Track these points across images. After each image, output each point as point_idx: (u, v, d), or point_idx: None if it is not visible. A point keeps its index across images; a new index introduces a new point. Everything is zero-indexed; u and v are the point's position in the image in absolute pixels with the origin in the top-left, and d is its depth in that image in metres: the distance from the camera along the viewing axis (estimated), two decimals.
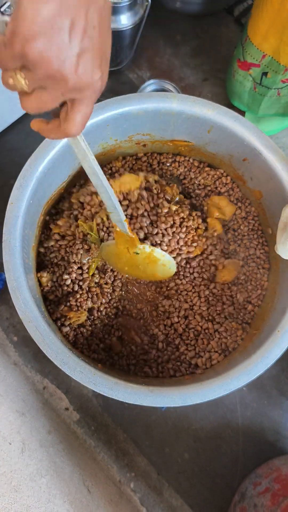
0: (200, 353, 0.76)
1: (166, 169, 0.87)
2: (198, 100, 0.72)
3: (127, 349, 0.78)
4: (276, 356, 0.64)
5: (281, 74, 0.83)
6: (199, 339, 0.77)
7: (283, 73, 0.82)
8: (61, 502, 0.69)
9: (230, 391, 0.63)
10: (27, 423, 0.78)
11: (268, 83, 0.87)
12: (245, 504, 0.82)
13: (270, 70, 0.84)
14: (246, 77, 0.91)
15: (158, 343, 0.78)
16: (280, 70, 0.82)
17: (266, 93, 0.90)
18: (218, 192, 0.85)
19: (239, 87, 0.95)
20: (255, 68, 0.86)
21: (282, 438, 0.94)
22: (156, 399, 0.62)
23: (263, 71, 0.85)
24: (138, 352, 0.78)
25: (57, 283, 0.76)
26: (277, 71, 0.83)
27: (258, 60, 0.84)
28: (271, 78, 0.85)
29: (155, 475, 0.92)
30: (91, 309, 0.77)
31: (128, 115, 0.72)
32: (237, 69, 0.91)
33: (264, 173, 0.73)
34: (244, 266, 0.81)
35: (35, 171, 0.67)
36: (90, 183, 0.77)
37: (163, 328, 0.79)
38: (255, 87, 0.91)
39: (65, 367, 0.62)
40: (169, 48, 1.13)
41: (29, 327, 0.62)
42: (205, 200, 0.85)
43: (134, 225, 0.75)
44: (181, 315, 0.79)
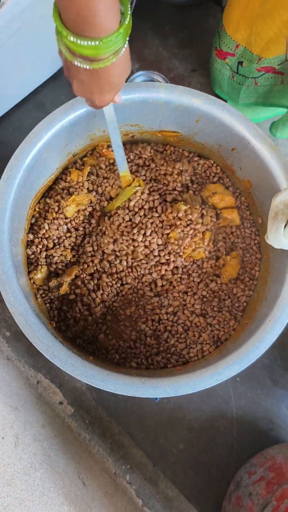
0: (191, 345, 0.76)
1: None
2: (186, 90, 0.72)
3: (116, 344, 0.78)
4: (267, 345, 0.64)
5: (255, 63, 0.82)
6: (190, 332, 0.77)
7: (257, 62, 0.82)
8: (55, 495, 0.69)
9: (222, 380, 0.63)
10: (21, 418, 0.78)
11: (244, 72, 0.87)
12: (240, 493, 0.82)
13: (245, 60, 0.84)
14: (223, 65, 0.91)
15: (146, 338, 0.78)
16: (254, 60, 0.81)
17: (243, 81, 0.90)
18: (211, 182, 0.85)
19: (219, 75, 0.95)
20: (230, 57, 0.86)
21: (276, 427, 0.94)
22: (148, 390, 0.62)
23: (238, 60, 0.85)
24: (125, 346, 0.78)
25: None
26: (251, 61, 0.82)
27: (233, 49, 0.84)
28: (247, 67, 0.85)
29: (151, 466, 0.92)
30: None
31: (115, 105, 0.71)
32: (215, 57, 0.91)
33: (253, 162, 0.73)
34: (243, 258, 0.81)
35: (22, 163, 0.66)
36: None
37: (150, 324, 0.79)
38: (233, 76, 0.91)
39: (56, 360, 0.62)
40: (158, 40, 1.12)
41: (19, 320, 0.62)
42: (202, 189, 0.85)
43: (144, 244, 0.77)
44: (170, 312, 0.79)
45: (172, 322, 0.78)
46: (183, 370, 0.70)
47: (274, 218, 0.65)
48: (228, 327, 0.76)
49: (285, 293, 0.66)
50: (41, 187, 0.76)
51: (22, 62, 0.91)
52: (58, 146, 0.72)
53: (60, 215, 0.77)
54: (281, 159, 0.70)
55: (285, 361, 0.98)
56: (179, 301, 0.79)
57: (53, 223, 0.76)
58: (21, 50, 0.86)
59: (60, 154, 0.75)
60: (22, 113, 1.04)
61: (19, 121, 1.03)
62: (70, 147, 0.76)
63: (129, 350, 0.77)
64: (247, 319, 0.74)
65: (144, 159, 0.83)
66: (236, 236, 0.82)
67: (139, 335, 0.78)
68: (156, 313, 0.78)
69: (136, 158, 0.84)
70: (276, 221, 0.65)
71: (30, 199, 0.73)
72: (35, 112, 1.04)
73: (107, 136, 0.80)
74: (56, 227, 0.76)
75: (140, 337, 0.78)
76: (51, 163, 0.75)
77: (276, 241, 0.66)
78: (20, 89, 1.00)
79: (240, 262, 0.80)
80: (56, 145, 0.71)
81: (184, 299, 0.79)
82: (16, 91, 1.00)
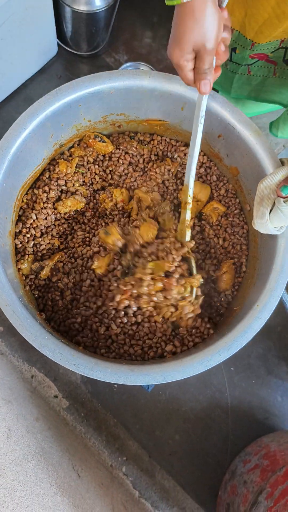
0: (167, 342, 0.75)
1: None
2: (170, 77, 0.71)
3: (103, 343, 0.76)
4: (256, 331, 0.64)
5: (248, 49, 0.82)
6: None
7: (250, 48, 0.81)
8: (48, 486, 0.69)
9: (211, 366, 0.62)
10: (14, 411, 0.78)
11: (238, 59, 0.86)
12: (235, 481, 0.82)
13: (238, 46, 0.83)
14: None
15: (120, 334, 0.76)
16: (247, 45, 0.81)
17: (237, 69, 0.89)
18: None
19: None
20: None
21: (270, 416, 0.94)
22: (138, 377, 0.62)
23: (232, 46, 0.84)
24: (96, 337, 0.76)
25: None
26: (245, 46, 0.82)
27: None
28: (240, 53, 0.84)
29: (147, 458, 0.92)
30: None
31: (99, 94, 0.71)
32: None
33: (239, 148, 0.73)
34: (234, 255, 0.81)
35: (6, 153, 0.66)
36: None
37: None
38: (226, 64, 0.90)
39: (44, 349, 0.61)
40: (146, 31, 1.12)
41: (6, 311, 0.62)
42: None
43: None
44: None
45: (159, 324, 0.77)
46: (173, 357, 0.69)
47: (260, 203, 0.65)
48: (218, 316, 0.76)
49: (273, 278, 0.66)
50: (27, 178, 0.75)
51: (10, 56, 0.91)
52: (43, 136, 0.72)
53: (48, 205, 0.76)
54: (266, 143, 0.70)
55: (279, 350, 0.97)
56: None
57: (41, 212, 0.76)
58: (7, 44, 0.86)
59: (46, 145, 0.75)
60: (11, 107, 1.04)
61: (9, 115, 1.03)
62: (56, 138, 0.76)
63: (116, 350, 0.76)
64: (236, 305, 0.73)
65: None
66: (224, 230, 0.82)
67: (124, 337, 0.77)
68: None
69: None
70: (262, 206, 0.65)
71: (16, 191, 0.73)
72: (24, 106, 1.02)
73: (94, 126, 0.80)
74: (45, 217, 0.76)
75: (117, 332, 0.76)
76: (37, 154, 0.74)
77: (262, 226, 0.66)
78: (8, 83, 1.00)
79: (232, 268, 0.79)
80: (41, 135, 0.71)
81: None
82: (4, 85, 1.00)
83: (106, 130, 0.82)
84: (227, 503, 0.81)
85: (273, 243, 0.68)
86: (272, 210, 0.63)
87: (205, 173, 0.84)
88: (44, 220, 0.76)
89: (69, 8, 0.92)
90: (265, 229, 0.65)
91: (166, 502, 0.90)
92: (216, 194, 0.84)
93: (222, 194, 0.83)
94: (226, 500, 0.82)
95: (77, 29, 0.99)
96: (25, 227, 0.75)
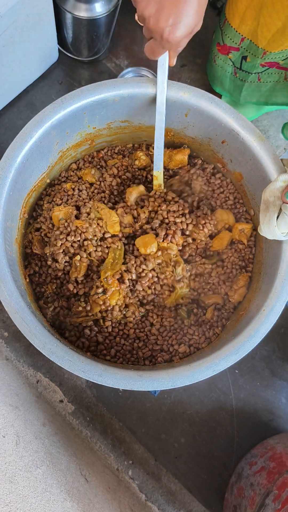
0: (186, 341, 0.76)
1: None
2: (174, 84, 0.72)
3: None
4: (263, 335, 0.64)
5: (260, 57, 0.82)
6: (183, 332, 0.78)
7: (261, 56, 0.81)
8: (57, 491, 0.69)
9: (219, 371, 0.63)
10: (21, 416, 0.79)
11: (248, 68, 0.87)
12: (242, 484, 0.83)
13: (249, 54, 0.83)
14: (226, 61, 0.90)
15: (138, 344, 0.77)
16: (259, 54, 0.81)
17: (246, 78, 0.89)
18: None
19: (220, 72, 0.94)
20: (234, 52, 0.86)
21: (275, 417, 0.95)
22: (146, 383, 0.62)
23: (242, 54, 0.85)
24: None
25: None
26: (256, 55, 0.82)
27: (237, 43, 0.83)
28: (251, 62, 0.85)
29: (153, 461, 0.93)
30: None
31: (104, 102, 0.71)
32: (217, 53, 0.91)
33: (243, 154, 0.73)
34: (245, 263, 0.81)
35: (13, 162, 0.66)
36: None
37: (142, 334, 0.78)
38: (236, 72, 0.91)
39: (53, 356, 0.62)
40: None
41: (15, 318, 0.62)
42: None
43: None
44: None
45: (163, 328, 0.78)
46: (181, 362, 0.70)
47: (266, 210, 0.66)
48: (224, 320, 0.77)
49: (278, 282, 0.66)
50: (33, 186, 0.76)
51: (11, 62, 0.91)
52: (48, 144, 0.72)
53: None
54: (270, 149, 0.70)
55: (283, 352, 0.98)
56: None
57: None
58: (9, 50, 0.87)
59: (51, 152, 0.76)
60: (13, 113, 1.04)
61: (11, 122, 1.03)
62: (61, 145, 0.76)
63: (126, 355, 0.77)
64: (242, 310, 0.74)
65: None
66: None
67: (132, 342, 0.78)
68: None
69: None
70: (268, 213, 0.65)
71: (22, 199, 0.74)
72: (26, 112, 1.04)
73: (98, 133, 0.80)
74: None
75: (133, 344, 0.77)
76: (42, 162, 0.75)
77: (270, 232, 0.66)
78: (10, 89, 1.00)
79: (246, 280, 0.78)
80: (47, 143, 0.71)
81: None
82: (6, 91, 1.00)
83: (111, 136, 0.83)
84: (234, 506, 0.82)
85: (278, 247, 0.69)
86: (279, 216, 0.64)
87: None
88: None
89: (70, 14, 0.93)
90: (273, 235, 0.66)
91: (173, 505, 0.91)
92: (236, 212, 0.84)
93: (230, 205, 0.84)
94: (233, 503, 0.82)
95: (78, 35, 0.99)
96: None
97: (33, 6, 0.82)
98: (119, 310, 0.75)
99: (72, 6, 0.92)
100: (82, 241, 0.74)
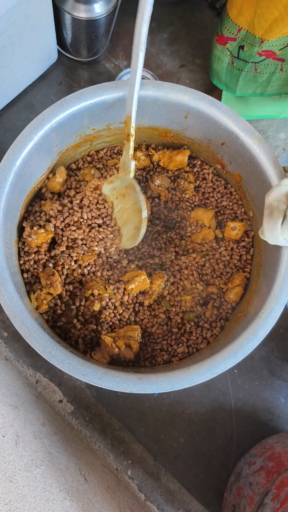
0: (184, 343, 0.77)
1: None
2: (173, 86, 0.72)
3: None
4: (261, 338, 0.65)
5: (257, 46, 0.83)
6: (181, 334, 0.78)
7: (258, 45, 0.82)
8: (57, 491, 0.70)
9: (218, 374, 0.63)
10: (21, 416, 0.79)
11: (245, 57, 0.87)
12: (241, 483, 0.84)
13: (246, 43, 0.84)
14: (223, 51, 0.90)
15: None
16: (256, 43, 0.82)
17: (243, 67, 0.90)
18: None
19: (218, 63, 0.95)
20: (231, 42, 0.86)
21: (274, 417, 0.95)
22: (145, 385, 0.63)
23: (239, 44, 0.85)
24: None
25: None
26: (253, 44, 0.83)
27: (234, 33, 0.84)
28: (248, 51, 0.85)
29: (152, 461, 0.93)
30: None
31: (104, 104, 0.72)
32: (215, 43, 0.91)
33: (242, 156, 0.74)
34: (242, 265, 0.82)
35: (12, 165, 0.67)
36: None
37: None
38: (233, 62, 0.91)
39: (54, 360, 0.62)
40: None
41: (15, 322, 0.63)
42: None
43: None
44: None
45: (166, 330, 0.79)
46: (179, 364, 0.70)
47: (270, 215, 0.64)
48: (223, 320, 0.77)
49: (277, 285, 0.67)
50: (32, 188, 0.76)
51: (10, 63, 0.91)
52: (48, 146, 0.72)
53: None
54: (269, 152, 0.70)
55: (282, 352, 0.98)
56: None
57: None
58: (8, 51, 0.87)
59: (51, 154, 0.76)
60: (13, 114, 1.04)
61: (10, 122, 1.03)
62: (61, 147, 0.76)
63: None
64: (240, 312, 0.74)
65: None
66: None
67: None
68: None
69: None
70: (272, 218, 0.64)
71: (22, 200, 0.74)
72: (25, 112, 1.04)
73: (98, 134, 0.81)
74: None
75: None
76: (42, 163, 0.75)
77: (273, 238, 0.65)
78: (9, 90, 1.00)
79: (243, 279, 0.79)
80: (46, 145, 0.72)
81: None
82: (5, 92, 1.00)
83: (110, 137, 0.83)
84: (233, 505, 0.82)
85: (277, 250, 0.69)
86: (283, 222, 0.64)
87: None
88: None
89: (69, 15, 0.92)
90: (276, 241, 0.65)
91: (172, 505, 0.91)
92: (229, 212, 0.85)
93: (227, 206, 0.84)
94: (232, 502, 0.83)
95: (77, 36, 0.99)
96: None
97: (33, 7, 0.82)
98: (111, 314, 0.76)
99: (71, 7, 0.92)
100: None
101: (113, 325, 0.75)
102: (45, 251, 0.74)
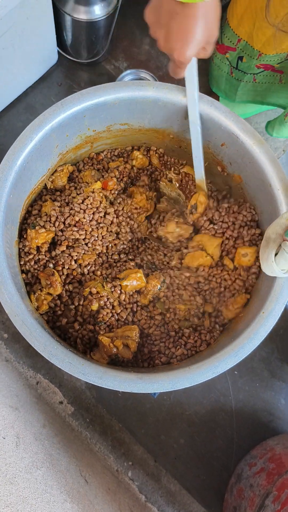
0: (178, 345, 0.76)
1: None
2: (173, 87, 0.72)
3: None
4: (262, 337, 0.65)
5: (255, 59, 0.83)
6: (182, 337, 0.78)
7: (257, 58, 0.82)
8: (58, 493, 0.70)
9: (218, 373, 0.63)
10: (21, 418, 0.79)
11: (244, 68, 0.87)
12: (242, 485, 0.83)
13: (245, 55, 0.84)
14: (223, 60, 0.91)
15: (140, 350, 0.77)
16: (254, 55, 0.82)
17: (242, 77, 0.90)
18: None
19: (217, 71, 0.95)
20: (231, 52, 0.87)
21: (275, 418, 0.95)
22: (146, 385, 0.63)
23: (238, 55, 0.85)
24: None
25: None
26: (252, 56, 0.83)
27: (234, 43, 0.84)
28: (246, 62, 0.85)
29: (152, 462, 0.93)
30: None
31: (104, 105, 0.72)
32: (215, 52, 0.92)
33: (242, 157, 0.74)
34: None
35: (13, 165, 0.67)
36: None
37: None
38: (232, 72, 0.91)
39: (54, 359, 0.62)
40: (145, 38, 1.12)
41: (16, 321, 0.62)
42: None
43: None
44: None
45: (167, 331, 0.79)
46: (180, 364, 0.70)
47: (266, 246, 0.66)
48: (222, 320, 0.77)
49: (278, 285, 0.67)
50: (33, 188, 0.76)
51: (11, 65, 0.91)
52: (48, 146, 0.72)
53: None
54: (269, 153, 0.71)
55: (282, 353, 0.99)
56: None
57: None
58: (9, 53, 0.87)
59: (51, 155, 0.76)
60: (13, 115, 1.04)
61: (10, 124, 1.04)
62: (61, 148, 0.77)
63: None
64: (241, 312, 0.74)
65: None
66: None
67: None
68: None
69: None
70: (268, 249, 0.65)
71: (22, 201, 0.74)
72: (25, 114, 1.05)
73: (98, 135, 0.81)
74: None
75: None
76: (42, 164, 0.75)
77: (268, 269, 0.66)
78: (9, 92, 1.01)
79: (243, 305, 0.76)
80: (47, 146, 0.72)
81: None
82: (6, 94, 1.00)
83: (110, 139, 0.83)
84: (234, 507, 0.82)
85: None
86: (278, 254, 0.64)
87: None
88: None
89: (69, 17, 0.93)
90: (271, 272, 0.66)
91: (172, 506, 0.91)
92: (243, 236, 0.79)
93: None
94: (233, 504, 0.83)
95: (77, 38, 1.00)
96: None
97: (33, 9, 0.83)
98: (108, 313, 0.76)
99: (72, 9, 0.92)
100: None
101: (110, 325, 0.75)
102: (45, 251, 0.74)
